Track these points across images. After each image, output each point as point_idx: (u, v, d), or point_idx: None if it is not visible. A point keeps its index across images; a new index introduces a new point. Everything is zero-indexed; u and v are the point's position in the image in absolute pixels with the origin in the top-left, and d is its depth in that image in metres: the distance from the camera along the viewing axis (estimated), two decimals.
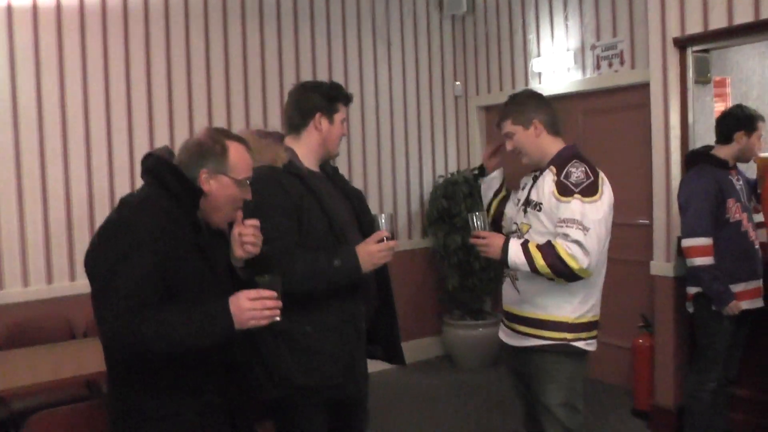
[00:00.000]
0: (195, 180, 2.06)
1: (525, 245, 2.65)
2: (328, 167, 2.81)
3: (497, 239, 2.71)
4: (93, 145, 4.38)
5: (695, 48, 4.14)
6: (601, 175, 2.73)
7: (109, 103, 4.44)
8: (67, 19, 4.26)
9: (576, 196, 2.62)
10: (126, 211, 2.03)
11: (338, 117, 2.66)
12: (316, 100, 2.65)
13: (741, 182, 3.70)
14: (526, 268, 2.63)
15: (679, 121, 4.23)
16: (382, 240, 2.46)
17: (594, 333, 2.82)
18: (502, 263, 2.72)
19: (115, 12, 4.44)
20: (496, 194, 3.20)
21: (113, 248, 1.93)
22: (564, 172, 2.69)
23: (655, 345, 4.34)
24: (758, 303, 3.61)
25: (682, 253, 3.70)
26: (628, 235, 4.79)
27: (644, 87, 4.45)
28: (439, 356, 5.97)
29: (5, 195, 4.12)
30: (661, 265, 4.27)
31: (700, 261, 3.51)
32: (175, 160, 2.12)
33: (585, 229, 2.58)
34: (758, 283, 3.61)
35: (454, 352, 5.76)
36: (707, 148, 3.75)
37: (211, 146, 2.09)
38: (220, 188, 2.08)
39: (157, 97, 4.61)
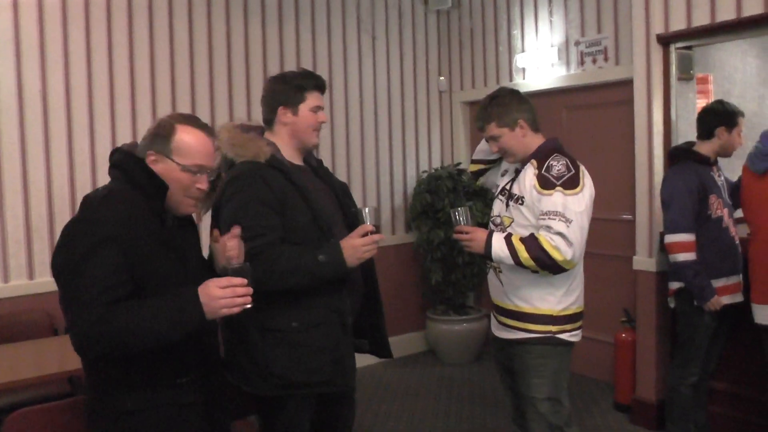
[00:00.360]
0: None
1: (508, 238, 2.69)
2: (312, 160, 2.80)
3: (480, 233, 2.74)
4: (75, 139, 4.34)
5: (678, 45, 4.16)
6: (582, 167, 2.76)
7: (92, 96, 4.39)
8: (48, 11, 4.21)
9: (558, 188, 2.66)
10: (87, 209, 1.99)
11: (305, 107, 2.60)
12: (279, 93, 2.62)
13: (722, 178, 3.74)
14: (510, 261, 2.67)
15: (662, 117, 4.25)
16: (367, 234, 2.45)
17: (578, 324, 2.87)
18: (486, 257, 2.76)
19: (98, 3, 4.39)
20: (488, 162, 3.16)
21: (77, 247, 1.89)
22: (545, 166, 2.73)
23: (637, 339, 4.38)
24: (738, 298, 3.65)
25: (664, 249, 3.73)
26: (611, 230, 4.83)
27: (628, 83, 4.47)
28: (422, 351, 5.98)
29: None
30: (644, 261, 4.30)
31: (683, 257, 3.54)
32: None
33: (567, 220, 2.62)
34: (738, 278, 3.64)
35: (438, 347, 5.77)
36: (689, 144, 3.78)
37: (161, 128, 2.05)
38: (165, 171, 2.01)
39: (140, 90, 4.57)
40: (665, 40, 4.16)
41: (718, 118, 3.66)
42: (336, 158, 5.51)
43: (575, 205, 2.65)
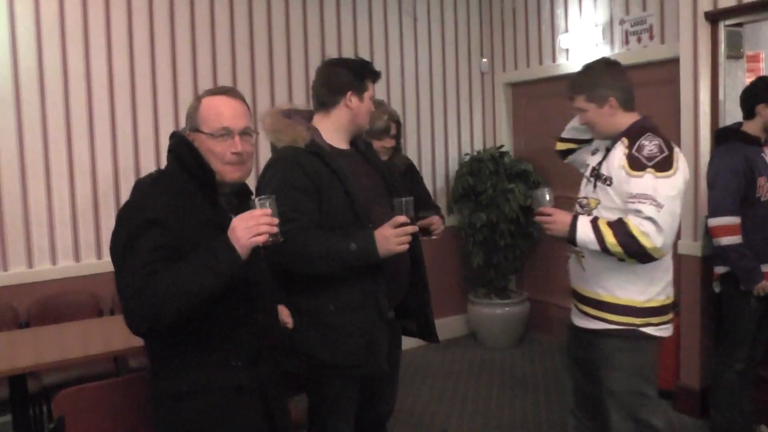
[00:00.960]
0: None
1: (594, 222, 2.53)
2: (360, 143, 2.81)
3: (564, 216, 2.57)
4: (118, 121, 4.41)
5: (727, 22, 4.04)
6: (677, 149, 2.59)
7: (134, 79, 4.45)
8: None
9: (648, 170, 2.49)
10: (137, 193, 2.03)
11: (367, 94, 2.67)
12: (346, 77, 2.64)
13: None
14: (596, 246, 2.50)
15: (709, 97, 4.14)
16: (400, 226, 2.42)
17: (668, 317, 2.69)
18: (569, 241, 2.58)
19: None
20: (579, 141, 3.01)
21: (126, 230, 1.92)
22: (636, 145, 2.56)
23: (681, 325, 4.30)
24: None
25: (709, 233, 3.64)
26: None
27: (674, 62, 4.36)
28: (464, 335, 5.97)
29: (33, 171, 4.16)
30: (689, 245, 4.21)
31: (727, 240, 3.46)
32: None
33: (659, 205, 2.44)
34: None
35: (479, 331, 5.75)
36: (738, 125, 3.68)
37: (191, 107, 2.08)
38: (201, 146, 2.03)
39: (182, 74, 4.61)
40: (713, 17, 4.04)
41: (758, 94, 3.57)
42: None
43: (667, 189, 2.47)
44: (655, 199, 2.45)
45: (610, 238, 2.47)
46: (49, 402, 3.58)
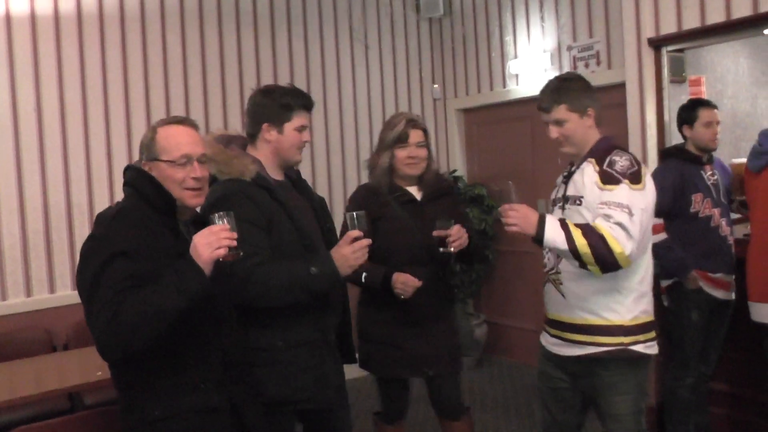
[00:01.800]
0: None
1: (563, 222, 2.44)
2: (291, 172, 2.77)
3: (531, 212, 2.43)
4: (70, 155, 4.35)
5: (670, 48, 4.19)
6: (644, 166, 2.58)
7: (86, 111, 4.41)
8: (41, 26, 4.23)
9: (624, 182, 2.45)
10: (100, 226, 2.05)
11: (289, 126, 2.55)
12: (265, 108, 2.56)
13: (716, 178, 3.75)
14: (564, 246, 2.38)
15: (655, 119, 4.27)
16: (355, 240, 2.40)
17: (652, 335, 2.63)
18: (536, 241, 2.44)
19: (91, 17, 4.41)
20: None
21: (93, 263, 1.95)
22: (607, 161, 2.52)
23: None
24: (729, 296, 3.68)
25: None
26: None
27: (620, 87, 4.49)
28: None
29: None
30: None
31: (653, 239, 3.56)
32: None
33: (630, 213, 2.39)
34: (728, 278, 3.67)
35: None
36: (683, 144, 3.82)
37: (145, 137, 2.12)
38: (160, 175, 2.07)
39: (135, 103, 4.58)
40: (656, 44, 4.17)
41: (681, 117, 3.79)
42: (332, 168, 5.52)
43: (639, 201, 2.43)
44: (628, 207, 2.41)
45: (579, 239, 2.37)
46: None
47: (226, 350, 2.19)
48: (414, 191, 3.08)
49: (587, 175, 2.56)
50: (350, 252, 2.38)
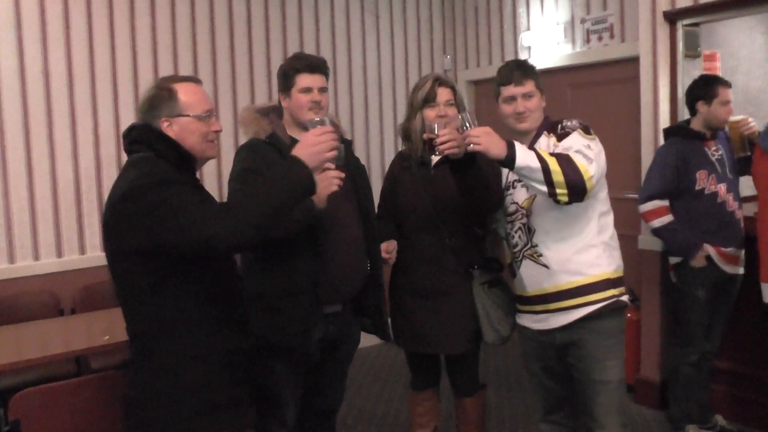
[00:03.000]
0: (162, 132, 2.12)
1: (533, 149, 2.48)
2: None
3: (498, 136, 2.43)
4: (78, 119, 4.33)
5: (685, 22, 4.12)
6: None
7: (94, 75, 4.38)
8: None
9: (576, 131, 2.58)
10: (146, 165, 2.06)
11: (295, 90, 2.68)
12: (279, 80, 2.77)
13: (721, 153, 3.72)
14: (537, 163, 2.38)
15: (668, 95, 4.22)
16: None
17: (624, 287, 2.72)
18: (506, 162, 2.41)
19: None
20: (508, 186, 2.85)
21: (158, 192, 1.95)
22: (558, 127, 2.66)
23: (642, 319, 4.37)
24: (737, 270, 3.67)
25: (642, 219, 3.80)
26: (617, 209, 4.71)
27: (634, 61, 4.43)
28: None
29: None
30: (649, 240, 4.27)
31: (658, 222, 3.63)
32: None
33: (587, 147, 2.51)
34: (738, 252, 3.66)
35: None
36: (686, 122, 3.80)
37: (159, 94, 2.15)
38: (183, 130, 2.13)
39: (143, 69, 4.56)
40: (671, 17, 4.11)
41: (696, 92, 3.73)
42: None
43: (593, 144, 2.54)
44: (583, 145, 2.52)
45: (549, 158, 2.40)
46: (5, 405, 3.51)
47: (242, 296, 2.29)
48: None
49: (544, 146, 2.64)
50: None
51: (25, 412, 2.43)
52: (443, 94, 2.94)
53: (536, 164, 2.38)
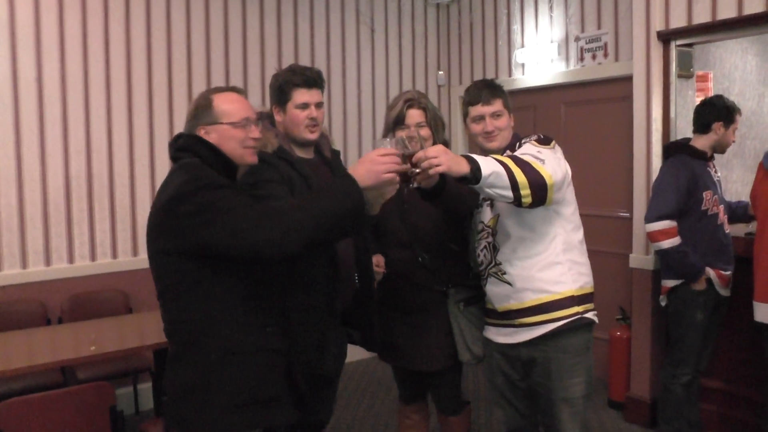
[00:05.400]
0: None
1: (493, 157, 2.38)
2: (325, 150, 2.80)
3: (453, 153, 2.27)
4: (70, 125, 4.31)
5: (679, 42, 4.15)
6: (557, 144, 2.63)
7: (87, 82, 4.36)
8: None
9: (530, 142, 2.56)
10: (194, 168, 2.11)
11: (291, 105, 2.62)
12: (272, 91, 2.69)
13: (719, 175, 3.74)
14: (503, 175, 2.29)
15: (661, 114, 4.24)
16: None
17: (593, 304, 2.72)
18: (469, 179, 2.27)
19: None
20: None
21: (206, 194, 2.00)
22: (517, 144, 2.65)
23: (632, 337, 4.37)
24: (728, 292, 3.68)
25: (648, 238, 3.74)
26: (608, 227, 4.81)
27: (627, 80, 4.46)
28: None
29: None
30: (640, 258, 4.29)
31: (668, 243, 3.55)
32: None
33: (538, 153, 2.45)
34: (728, 274, 3.66)
35: None
36: (687, 140, 3.79)
37: (198, 103, 2.24)
38: (222, 137, 2.20)
39: (137, 78, 4.54)
40: (665, 37, 4.14)
41: (717, 112, 3.67)
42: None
43: (547, 152, 2.48)
44: (536, 152, 2.47)
45: (510, 162, 2.33)
46: None
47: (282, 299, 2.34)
48: None
49: None
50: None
51: (9, 423, 2.40)
52: (413, 116, 2.88)
53: (500, 168, 2.30)
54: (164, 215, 2.06)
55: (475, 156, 2.31)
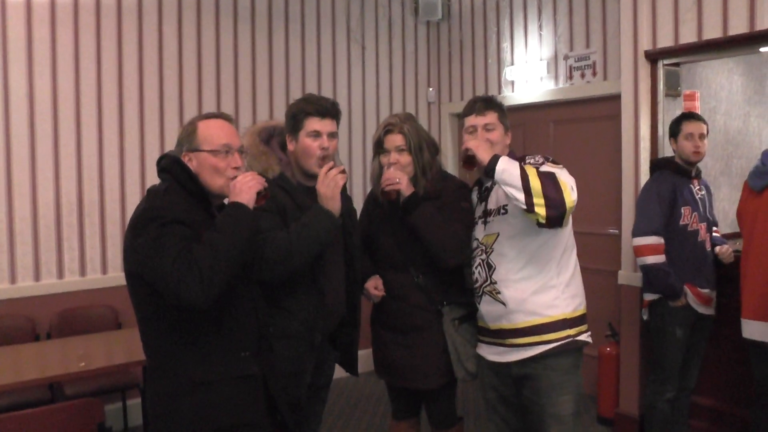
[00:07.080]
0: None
1: (518, 163, 2.46)
2: None
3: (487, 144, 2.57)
4: (61, 144, 4.30)
5: (666, 62, 4.20)
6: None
7: (79, 101, 4.37)
8: (36, 13, 4.19)
9: (546, 164, 2.55)
10: (154, 198, 2.16)
11: (303, 133, 2.64)
12: (286, 119, 2.72)
13: (703, 193, 3.77)
14: (517, 180, 2.38)
15: (649, 132, 4.28)
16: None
17: (587, 326, 2.75)
18: (487, 171, 2.47)
19: (87, 7, 4.36)
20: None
21: (152, 229, 2.03)
22: (523, 161, 2.61)
23: (621, 353, 4.39)
24: (709, 310, 3.70)
25: (634, 252, 3.75)
26: (597, 244, 4.84)
27: (615, 98, 4.50)
28: None
29: None
30: (629, 275, 4.31)
31: (652, 259, 3.57)
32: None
33: (560, 171, 2.49)
34: (710, 293, 3.68)
35: None
36: (672, 157, 3.84)
37: (186, 130, 2.27)
38: (200, 164, 2.21)
39: (128, 95, 4.55)
40: (653, 57, 4.19)
41: (670, 131, 3.82)
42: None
43: (562, 172, 2.50)
44: (554, 172, 2.46)
45: (534, 179, 2.38)
46: None
47: (260, 327, 2.33)
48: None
49: None
50: (324, 173, 2.49)
51: None
52: (392, 140, 2.91)
53: (516, 180, 2.40)
54: (127, 240, 2.12)
55: (501, 156, 2.45)
